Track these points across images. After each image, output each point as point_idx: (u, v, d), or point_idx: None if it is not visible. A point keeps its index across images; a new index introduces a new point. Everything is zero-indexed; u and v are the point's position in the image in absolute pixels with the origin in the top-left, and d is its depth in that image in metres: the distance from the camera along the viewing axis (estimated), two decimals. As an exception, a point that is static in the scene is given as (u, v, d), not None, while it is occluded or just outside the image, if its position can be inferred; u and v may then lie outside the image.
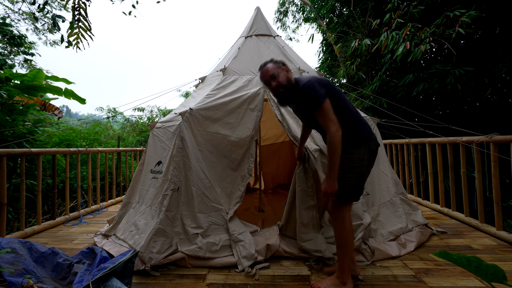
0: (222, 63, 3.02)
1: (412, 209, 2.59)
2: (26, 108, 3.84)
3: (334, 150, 1.47)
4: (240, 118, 2.30)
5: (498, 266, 0.71)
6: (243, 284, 1.70)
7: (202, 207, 2.09)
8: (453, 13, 4.01)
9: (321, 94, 1.49)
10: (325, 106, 1.49)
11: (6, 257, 1.57)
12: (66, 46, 2.90)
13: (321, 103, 1.48)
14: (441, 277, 1.73)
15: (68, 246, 2.41)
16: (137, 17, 6.95)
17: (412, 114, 4.77)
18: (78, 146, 5.64)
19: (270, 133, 4.68)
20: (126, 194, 2.60)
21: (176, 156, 2.13)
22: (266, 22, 3.30)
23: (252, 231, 2.15)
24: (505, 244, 2.24)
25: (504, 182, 4.81)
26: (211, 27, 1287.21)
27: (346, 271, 1.59)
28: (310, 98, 1.51)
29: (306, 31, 21.70)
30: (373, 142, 1.63)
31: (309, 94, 1.51)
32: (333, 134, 1.46)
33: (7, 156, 2.51)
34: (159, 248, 1.91)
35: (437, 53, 5.67)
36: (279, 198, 3.95)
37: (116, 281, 1.39)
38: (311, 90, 1.50)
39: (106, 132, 8.40)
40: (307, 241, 2.00)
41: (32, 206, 4.26)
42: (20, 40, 8.74)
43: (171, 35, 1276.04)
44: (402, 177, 4.15)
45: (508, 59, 3.98)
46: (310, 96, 1.50)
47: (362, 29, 6.14)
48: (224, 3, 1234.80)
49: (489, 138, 2.38)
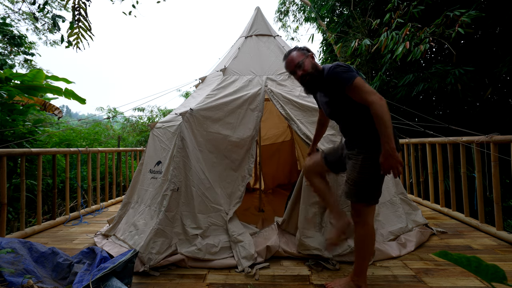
0: (222, 63, 3.02)
1: (412, 209, 2.59)
2: (26, 108, 3.84)
3: (385, 119, 1.33)
4: (240, 118, 2.30)
5: (498, 266, 0.71)
6: (243, 284, 1.70)
7: (202, 208, 2.09)
8: (453, 13, 4.00)
9: (352, 72, 1.43)
10: (359, 81, 1.40)
11: (6, 257, 1.57)
12: (66, 46, 2.90)
13: (355, 77, 1.40)
14: (441, 277, 1.73)
15: (68, 246, 2.41)
16: (137, 17, 6.94)
17: (412, 114, 4.77)
18: (78, 146, 5.64)
19: (270, 133, 4.68)
20: (126, 194, 2.61)
21: (176, 156, 2.13)
22: (266, 22, 3.30)
23: (252, 233, 2.15)
24: (505, 244, 2.24)
25: (504, 182, 4.81)
26: (211, 27, 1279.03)
27: (363, 275, 1.55)
28: (342, 77, 1.42)
29: (307, 31, 21.74)
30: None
31: (340, 74, 1.43)
32: (379, 103, 1.34)
33: (7, 156, 2.51)
34: (158, 248, 1.90)
35: (437, 53, 5.67)
36: (279, 198, 3.95)
37: (116, 281, 1.39)
38: (342, 70, 1.44)
39: (106, 132, 8.40)
40: (309, 238, 2.00)
41: (32, 206, 4.26)
42: (20, 40, 8.74)
43: (171, 35, 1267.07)
44: (402, 177, 4.15)
45: (508, 59, 3.98)
46: (342, 76, 1.42)
47: (362, 29, 6.14)
48: (224, 3, 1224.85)
49: (489, 138, 2.38)
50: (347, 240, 1.99)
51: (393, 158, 1.33)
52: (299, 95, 2.45)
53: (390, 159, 1.33)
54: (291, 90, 2.50)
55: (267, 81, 2.54)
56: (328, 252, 1.95)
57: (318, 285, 1.68)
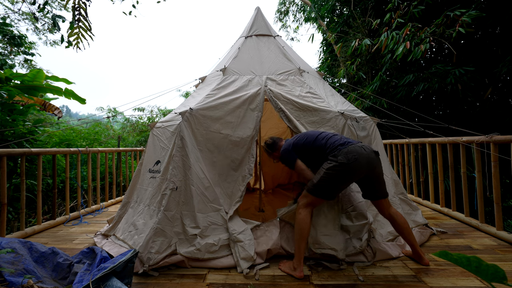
0: (222, 63, 3.02)
1: (412, 209, 2.59)
2: (26, 108, 3.84)
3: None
4: (240, 118, 2.30)
5: (498, 266, 0.71)
6: (243, 284, 1.70)
7: (201, 207, 2.08)
8: (453, 13, 4.01)
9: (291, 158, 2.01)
10: (298, 165, 1.99)
11: (6, 257, 1.57)
12: (66, 46, 2.90)
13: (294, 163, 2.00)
14: (441, 277, 1.73)
15: (68, 246, 2.41)
16: (137, 17, 6.95)
17: (412, 114, 4.78)
18: (78, 146, 5.65)
19: (270, 133, 4.68)
20: (125, 194, 2.60)
21: (175, 156, 2.13)
22: (266, 22, 3.30)
23: (254, 227, 2.12)
24: (505, 244, 2.24)
25: (504, 182, 4.82)
26: (211, 27, 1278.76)
27: (297, 257, 1.81)
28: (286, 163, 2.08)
29: (307, 31, 21.73)
30: (343, 156, 1.77)
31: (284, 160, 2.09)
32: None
33: (7, 156, 2.51)
34: (157, 248, 1.90)
35: (437, 53, 5.67)
36: (279, 198, 3.95)
37: (116, 281, 1.39)
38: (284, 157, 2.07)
39: (106, 132, 8.41)
40: (326, 236, 1.96)
41: (32, 206, 4.26)
42: (20, 40, 8.74)
43: (171, 35, 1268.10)
44: (402, 177, 4.15)
45: (508, 59, 3.98)
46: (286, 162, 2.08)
47: (362, 29, 6.14)
48: (224, 3, 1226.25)
49: (489, 138, 2.37)
50: (351, 240, 1.98)
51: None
52: (299, 95, 2.45)
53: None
54: (291, 90, 2.50)
55: (267, 81, 2.54)
56: (342, 253, 1.92)
57: (318, 285, 1.68)
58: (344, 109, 2.44)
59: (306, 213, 1.86)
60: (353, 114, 2.47)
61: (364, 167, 1.78)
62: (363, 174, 1.82)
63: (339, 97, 2.83)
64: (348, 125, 2.34)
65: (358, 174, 1.80)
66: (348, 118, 2.36)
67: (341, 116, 2.34)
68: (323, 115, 2.35)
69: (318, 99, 2.47)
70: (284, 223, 2.17)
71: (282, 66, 2.76)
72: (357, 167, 1.75)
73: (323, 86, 2.86)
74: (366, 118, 2.60)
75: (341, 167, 1.75)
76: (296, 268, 1.79)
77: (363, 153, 1.78)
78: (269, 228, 2.15)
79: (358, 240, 1.97)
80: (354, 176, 1.80)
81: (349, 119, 2.37)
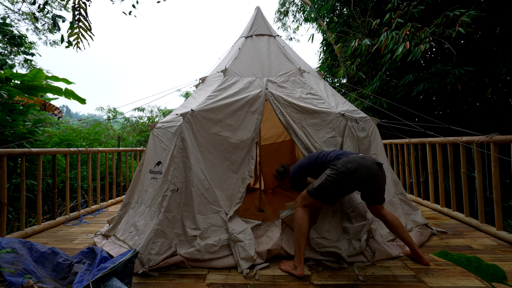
0: (222, 63, 3.01)
1: (412, 209, 2.59)
2: (26, 108, 3.84)
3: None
4: (241, 120, 2.30)
5: (498, 266, 0.71)
6: (243, 284, 1.70)
7: (201, 208, 2.08)
8: (453, 13, 4.01)
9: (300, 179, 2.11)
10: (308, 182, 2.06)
11: (6, 257, 1.57)
12: (66, 46, 2.90)
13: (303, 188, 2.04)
14: (441, 277, 1.73)
15: (68, 246, 2.41)
16: (137, 17, 6.95)
17: (412, 114, 4.77)
18: (78, 146, 5.65)
19: (270, 132, 4.68)
20: (126, 194, 2.60)
21: (176, 157, 2.12)
22: (266, 22, 3.29)
23: (254, 226, 2.13)
24: (505, 244, 2.24)
25: (504, 182, 4.82)
26: (211, 27, 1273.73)
27: (297, 256, 1.84)
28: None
29: (307, 31, 21.74)
30: (342, 165, 1.81)
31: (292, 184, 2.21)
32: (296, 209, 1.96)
33: (7, 156, 2.51)
34: (158, 249, 1.90)
35: (437, 53, 5.67)
36: (279, 198, 3.95)
37: (116, 281, 1.39)
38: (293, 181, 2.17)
39: (106, 132, 8.41)
40: (328, 240, 1.98)
41: (32, 206, 4.26)
42: (20, 40, 8.74)
43: (171, 35, 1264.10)
44: (402, 177, 4.15)
45: (508, 59, 3.98)
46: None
47: (362, 29, 6.14)
48: (224, 3, 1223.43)
49: (489, 138, 2.38)
50: (351, 241, 1.99)
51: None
52: (299, 97, 2.45)
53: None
54: (292, 92, 2.49)
55: (268, 83, 2.53)
56: (345, 253, 1.94)
57: (318, 285, 1.68)
58: (344, 110, 2.44)
59: (304, 211, 1.91)
60: (354, 114, 2.47)
61: (365, 176, 1.80)
62: (363, 184, 1.84)
63: (340, 97, 2.83)
64: (348, 126, 2.34)
65: (358, 183, 1.83)
66: (348, 119, 2.36)
67: (341, 117, 2.34)
68: (323, 117, 2.34)
69: (318, 100, 2.47)
70: (286, 225, 2.18)
71: (283, 66, 2.76)
72: (356, 176, 1.78)
73: (323, 86, 2.86)
74: (366, 118, 2.60)
75: (340, 175, 1.79)
76: (296, 267, 1.81)
77: (364, 163, 1.81)
78: (270, 228, 2.15)
79: (358, 240, 1.98)
80: (354, 184, 1.83)
81: (349, 120, 2.37)
